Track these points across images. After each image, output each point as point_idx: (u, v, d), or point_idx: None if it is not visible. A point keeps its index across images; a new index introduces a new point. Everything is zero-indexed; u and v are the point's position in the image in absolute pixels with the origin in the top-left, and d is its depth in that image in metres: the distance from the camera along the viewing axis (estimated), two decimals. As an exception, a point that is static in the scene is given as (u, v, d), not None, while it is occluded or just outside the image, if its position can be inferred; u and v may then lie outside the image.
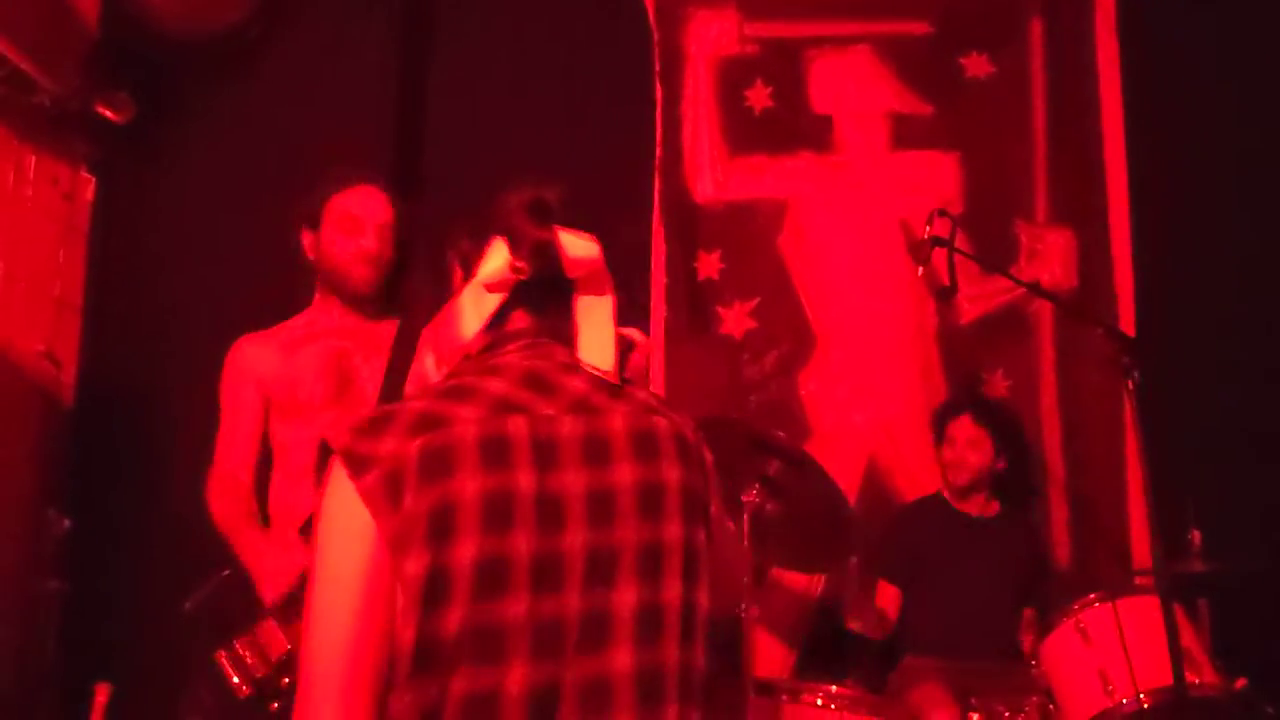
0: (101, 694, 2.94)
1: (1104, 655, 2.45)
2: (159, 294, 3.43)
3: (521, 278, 1.28)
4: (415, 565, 1.09)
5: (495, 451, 1.15)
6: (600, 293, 1.32)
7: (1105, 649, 2.45)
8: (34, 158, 3.38)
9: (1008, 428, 3.47)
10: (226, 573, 2.24)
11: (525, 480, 1.15)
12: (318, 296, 2.45)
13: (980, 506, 3.40)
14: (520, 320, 1.31)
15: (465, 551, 1.10)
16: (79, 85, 3.34)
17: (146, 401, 3.32)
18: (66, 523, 3.12)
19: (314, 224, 2.41)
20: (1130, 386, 2.29)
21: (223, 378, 2.41)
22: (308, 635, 1.12)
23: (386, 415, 1.17)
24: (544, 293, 1.30)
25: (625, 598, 1.17)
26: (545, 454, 1.18)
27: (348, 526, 1.12)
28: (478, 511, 1.12)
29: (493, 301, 1.29)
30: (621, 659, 1.16)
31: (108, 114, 3.35)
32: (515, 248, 1.28)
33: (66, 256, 3.52)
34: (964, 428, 3.36)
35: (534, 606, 1.12)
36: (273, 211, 2.51)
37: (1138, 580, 3.27)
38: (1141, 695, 2.37)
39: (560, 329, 1.31)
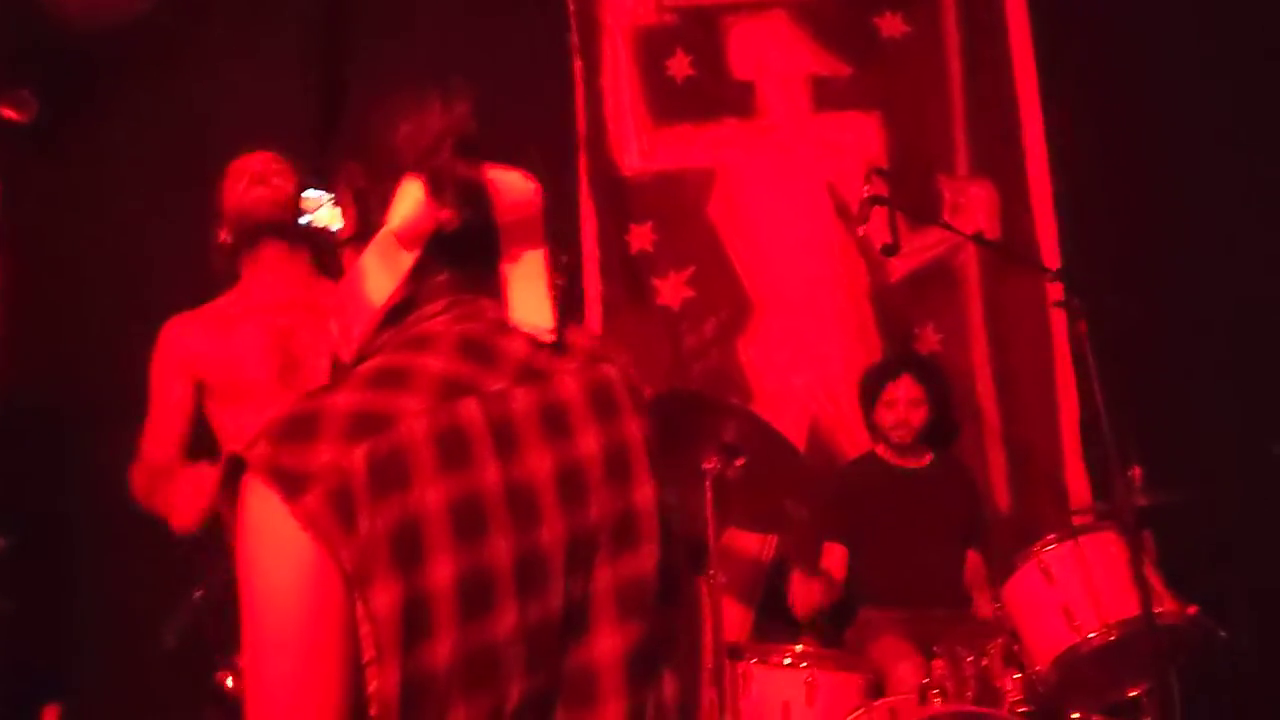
0: (50, 715, 2.84)
1: (1067, 592, 2.52)
2: (78, 294, 3.30)
3: (445, 229, 1.06)
4: (386, 597, 0.93)
5: (452, 447, 0.98)
6: (532, 244, 1.11)
7: (1068, 586, 2.52)
8: (-67, 163, 3.22)
9: (938, 381, 3.54)
10: (199, 594, 2.17)
11: (491, 475, 0.99)
12: (244, 273, 2.36)
13: (915, 458, 3.48)
14: (438, 276, 1.09)
15: (442, 571, 0.95)
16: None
17: (74, 407, 3.20)
18: (2, 541, 2.98)
19: (219, 211, 2.34)
20: (1082, 329, 2.35)
21: (151, 362, 2.32)
22: (248, 688, 0.94)
23: (310, 416, 0.97)
24: (467, 243, 1.08)
25: (604, 576, 1.05)
26: (505, 438, 1.01)
27: (286, 561, 0.93)
28: (447, 523, 0.96)
29: (407, 258, 1.07)
30: (606, 643, 1.05)
31: (10, 113, 3.20)
32: (436, 190, 1.06)
33: (-25, 264, 3.36)
34: (906, 388, 3.42)
35: (522, 615, 0.99)
36: (188, 201, 2.43)
37: (1076, 519, 3.37)
38: (1107, 627, 2.44)
39: (483, 280, 1.10)
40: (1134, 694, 2.62)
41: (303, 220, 1.20)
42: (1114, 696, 2.64)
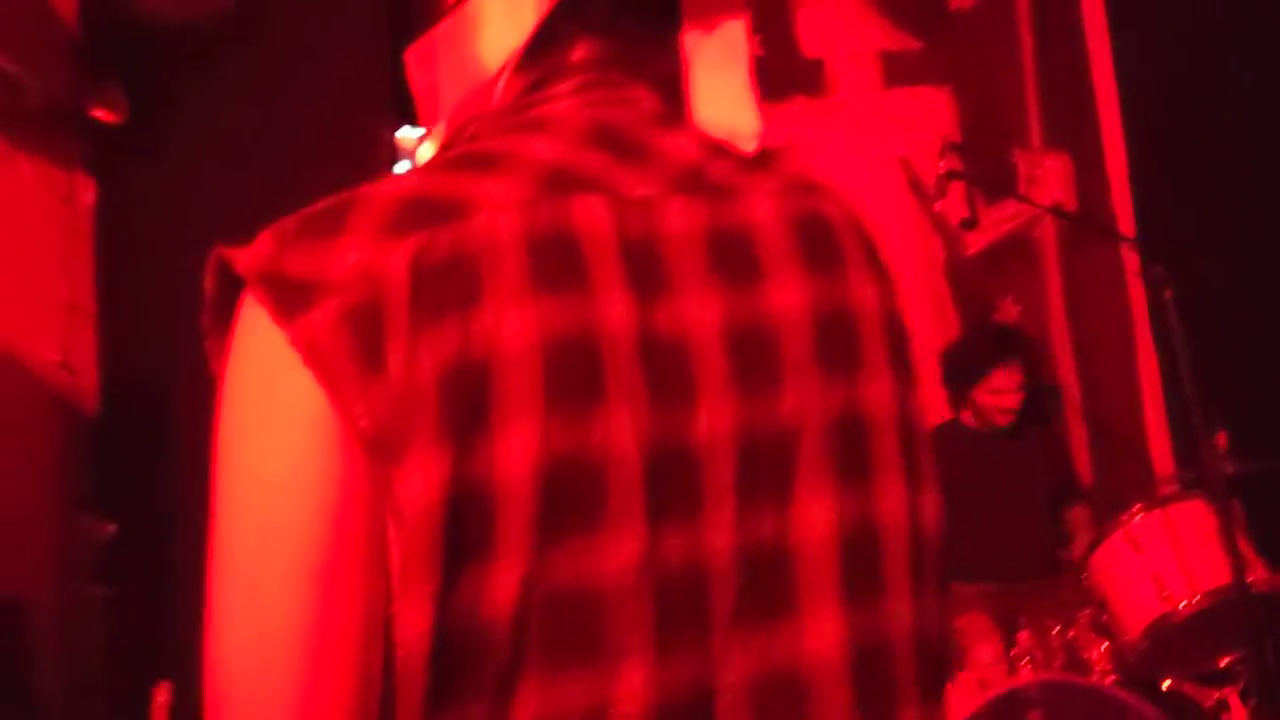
0: (162, 694, 2.95)
1: (1157, 561, 2.51)
2: (172, 289, 3.39)
3: None
4: (422, 482, 0.57)
5: (556, 259, 0.62)
6: (728, 10, 0.74)
7: (1157, 555, 2.52)
8: (30, 164, 3.34)
9: (1028, 351, 3.51)
10: None
11: (616, 311, 0.62)
12: None
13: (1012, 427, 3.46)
14: (580, 49, 0.73)
15: (517, 449, 0.58)
16: (69, 86, 3.29)
17: (175, 399, 3.31)
18: (109, 528, 3.11)
19: None
20: (1168, 297, 2.34)
21: None
22: (210, 633, 0.60)
23: (342, 205, 0.63)
24: (621, 3, 0.74)
25: (814, 517, 0.65)
26: (645, 264, 0.64)
27: (271, 420, 0.60)
28: (536, 371, 0.59)
29: (530, 11, 0.71)
30: (820, 631, 0.65)
31: (103, 114, 3.30)
32: None
33: (73, 261, 3.48)
34: (1012, 375, 3.38)
35: (652, 549, 0.60)
36: (277, 191, 2.49)
37: (1162, 489, 3.35)
38: (1199, 596, 2.44)
39: (646, 58, 0.74)
40: (1227, 662, 2.61)
41: None
42: (1206, 665, 2.63)
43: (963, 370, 3.49)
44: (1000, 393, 3.39)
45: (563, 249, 0.62)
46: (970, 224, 2.76)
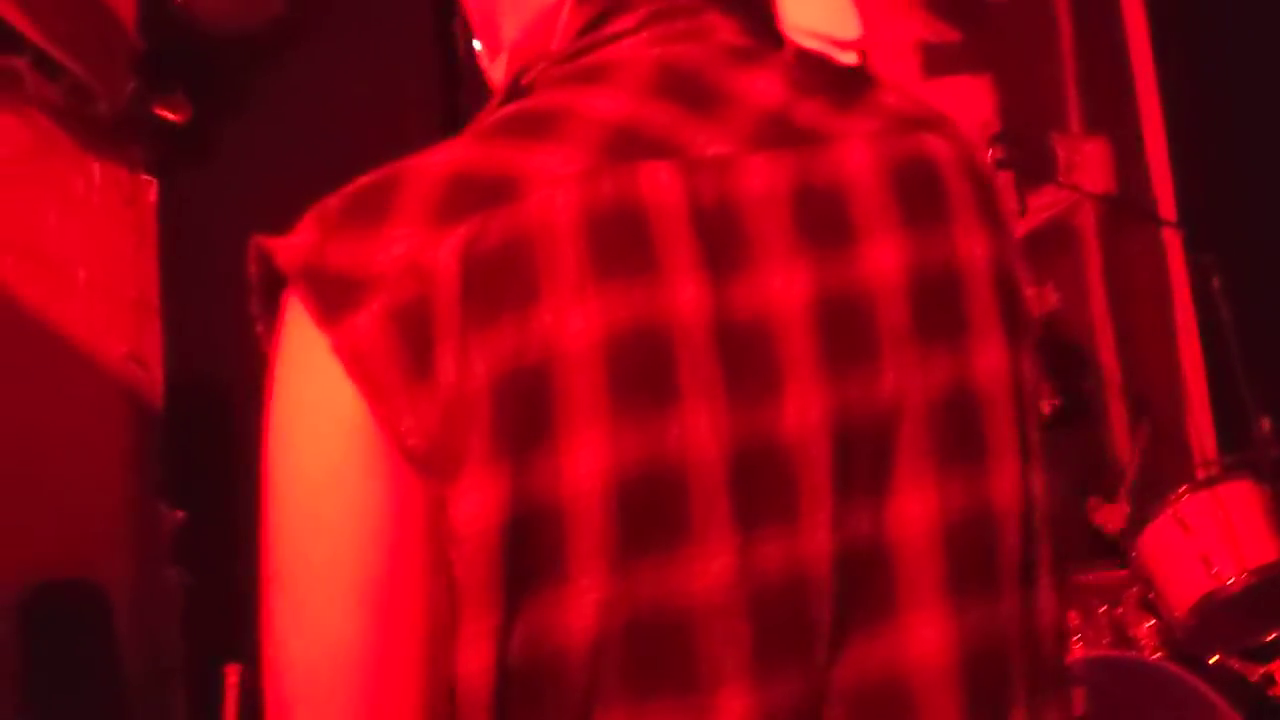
0: (233, 675, 3.06)
1: (1204, 541, 2.57)
2: (232, 284, 3.49)
3: None
4: (478, 503, 0.52)
5: (620, 239, 0.56)
6: None
7: (1205, 534, 2.58)
8: (98, 165, 3.45)
9: (1053, 351, 3.55)
10: None
11: (689, 295, 0.56)
12: None
13: (1045, 406, 3.52)
14: None
15: (584, 461, 0.53)
16: (133, 90, 3.40)
17: (241, 391, 3.42)
18: (180, 515, 3.22)
19: None
20: (1215, 286, 2.39)
21: None
22: (267, 641, 0.56)
23: (387, 183, 0.58)
24: None
25: (915, 510, 0.59)
26: (722, 236, 0.58)
27: (315, 431, 0.56)
28: (601, 372, 0.54)
29: None
30: (924, 636, 0.58)
31: (167, 115, 3.41)
32: None
33: (139, 260, 3.60)
34: None
35: (744, 561, 0.55)
36: (332, 188, 2.58)
37: (1200, 472, 3.41)
38: (1248, 572, 2.50)
39: None
40: (1273, 637, 2.67)
41: None
42: (1252, 640, 2.69)
43: None
44: None
45: (627, 227, 0.56)
46: (1019, 214, 2.82)
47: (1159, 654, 2.66)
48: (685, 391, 0.55)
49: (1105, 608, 2.81)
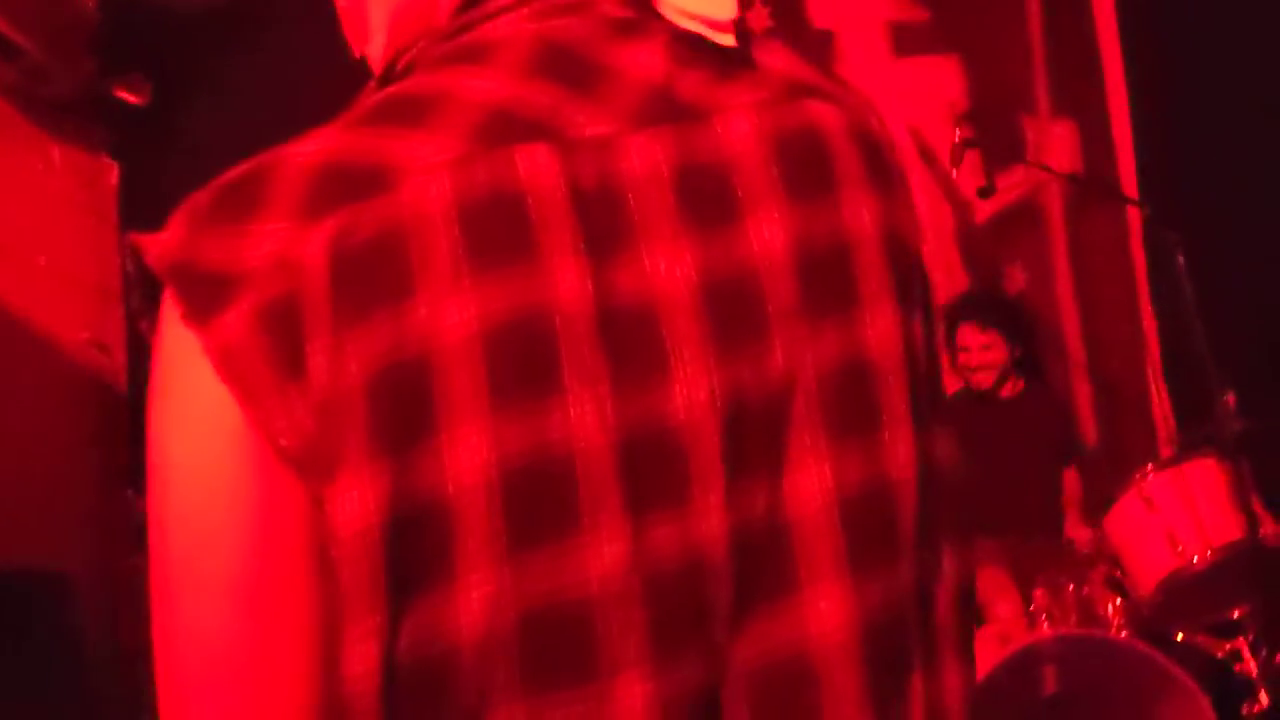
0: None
1: (1170, 519, 2.61)
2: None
3: None
4: (357, 503, 0.52)
5: (496, 227, 0.54)
6: None
7: (1171, 513, 2.61)
8: (57, 148, 3.39)
9: (1012, 317, 3.59)
10: None
11: (569, 282, 0.55)
12: None
13: (1009, 389, 3.54)
14: None
15: (466, 456, 0.52)
16: (91, 70, 3.34)
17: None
18: (141, 503, 3.19)
19: None
20: (1180, 265, 2.42)
21: None
22: (155, 657, 0.55)
23: (255, 174, 0.56)
24: None
25: (810, 484, 0.58)
26: (602, 219, 0.56)
27: (193, 435, 0.54)
28: (480, 365, 0.53)
29: None
30: (823, 610, 0.57)
31: (126, 96, 3.35)
32: None
33: (99, 244, 3.54)
34: (973, 333, 3.48)
35: (638, 547, 0.54)
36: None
37: (1168, 449, 3.46)
38: (1212, 550, 2.53)
39: None
40: (1236, 615, 2.71)
41: None
42: (1217, 617, 2.73)
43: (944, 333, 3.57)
44: (969, 350, 3.46)
45: (503, 214, 0.54)
46: (988, 192, 2.84)
47: (1126, 631, 2.70)
48: (568, 380, 0.54)
49: (1072, 586, 2.84)
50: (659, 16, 0.62)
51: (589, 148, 0.57)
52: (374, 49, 0.66)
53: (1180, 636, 2.70)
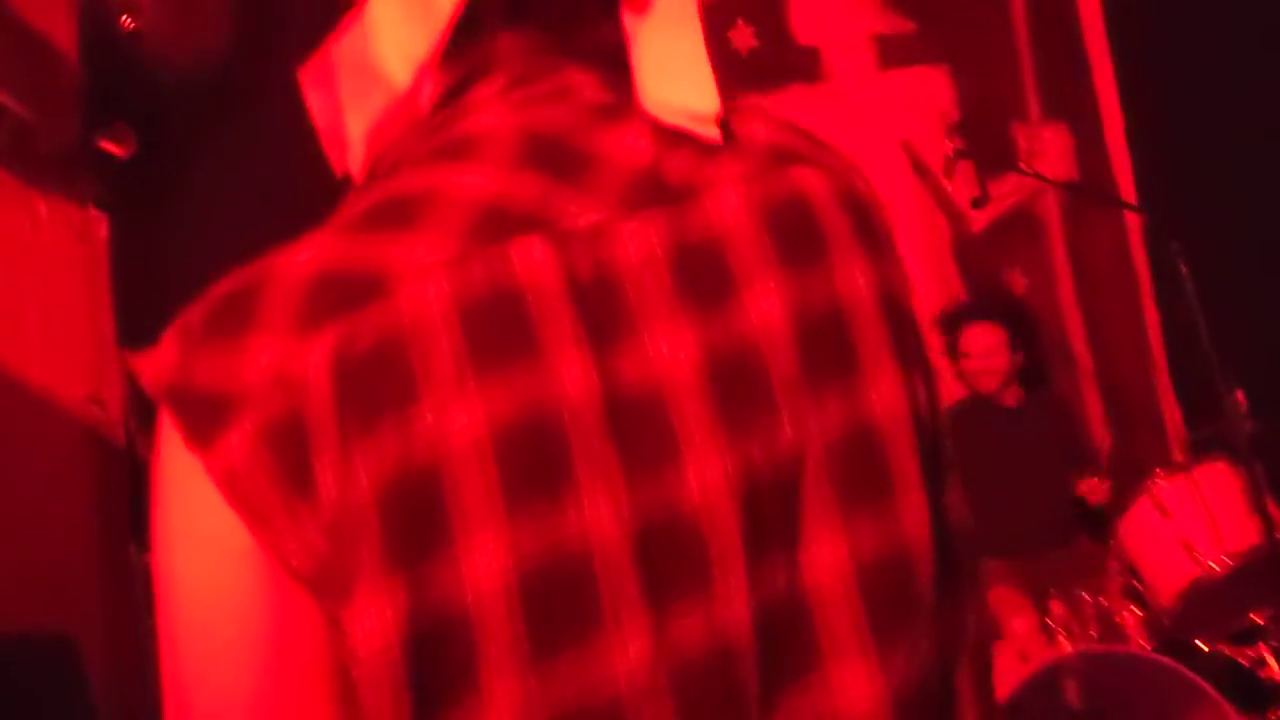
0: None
1: (1185, 526, 2.57)
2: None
3: None
4: (375, 622, 0.51)
5: (497, 326, 0.54)
6: None
7: (1186, 520, 2.57)
8: (45, 204, 3.37)
9: (1017, 322, 3.55)
10: None
11: (574, 375, 0.54)
12: None
13: (1010, 397, 3.50)
14: (506, 39, 0.63)
15: (483, 565, 0.52)
16: (76, 124, 3.32)
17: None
18: (144, 557, 3.15)
19: None
20: (1184, 271, 2.39)
21: None
22: None
23: (249, 288, 0.55)
24: None
25: (829, 556, 0.57)
26: (602, 308, 0.56)
27: (202, 561, 0.53)
28: (491, 469, 0.52)
29: (439, 8, 0.60)
30: (848, 684, 0.57)
31: (111, 148, 3.33)
32: None
33: (92, 297, 3.52)
34: (980, 337, 3.43)
35: (662, 639, 0.53)
36: (288, 215, 2.53)
37: (1179, 452, 3.41)
38: (1230, 556, 2.49)
39: (584, 38, 0.64)
40: (1257, 619, 2.67)
41: None
42: (1239, 623, 2.69)
43: (943, 339, 3.52)
44: (972, 355, 3.41)
45: (503, 311, 0.53)
46: (982, 202, 2.81)
47: (1149, 643, 2.66)
48: (580, 476, 0.53)
49: (1089, 598, 2.80)
50: (636, 101, 0.62)
51: (583, 237, 0.57)
52: (354, 159, 0.63)
53: (1203, 645, 2.65)
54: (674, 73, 0.62)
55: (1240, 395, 2.81)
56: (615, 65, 0.63)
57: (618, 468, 0.53)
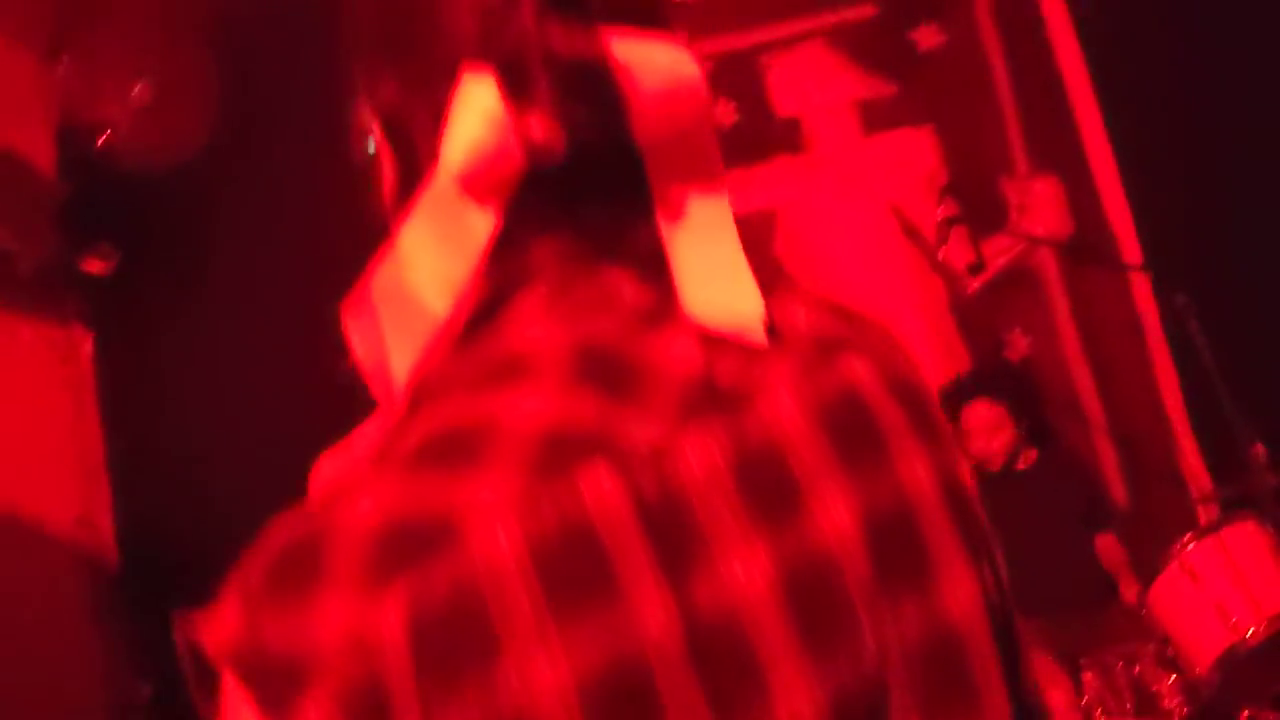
0: None
1: (1217, 590, 2.47)
2: (184, 434, 3.37)
3: (546, 161, 0.59)
4: None
5: (573, 567, 0.52)
6: (705, 173, 0.62)
7: (1217, 584, 2.47)
8: (27, 327, 3.32)
9: (1015, 390, 3.47)
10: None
11: (654, 611, 0.52)
12: None
13: (1021, 460, 3.41)
14: (541, 248, 0.61)
15: None
16: (57, 244, 3.28)
17: (195, 548, 3.26)
18: (148, 690, 3.05)
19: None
20: (1193, 328, 2.32)
21: (310, 501, 2.37)
22: None
23: (310, 541, 0.54)
24: (587, 183, 0.61)
25: None
26: (672, 532, 0.54)
27: None
28: None
29: (483, 222, 0.59)
30: None
31: (94, 267, 3.30)
32: (519, 88, 0.58)
33: (79, 417, 3.46)
34: (980, 415, 3.36)
35: None
36: (272, 327, 2.48)
37: (1205, 508, 3.32)
38: (1267, 620, 2.39)
39: (622, 240, 0.62)
40: (1301, 683, 2.57)
41: None
42: (1278, 687, 2.58)
43: (944, 409, 3.44)
44: (974, 434, 3.34)
45: (577, 550, 0.52)
46: (978, 268, 2.75)
47: (1186, 711, 2.55)
48: (670, 717, 0.51)
49: (1122, 666, 2.69)
50: (679, 305, 0.61)
51: (645, 456, 0.55)
52: (398, 390, 0.61)
53: (1246, 715, 2.54)
54: (716, 278, 0.61)
55: (1261, 448, 2.74)
56: (651, 263, 0.61)
57: (704, 705, 0.52)
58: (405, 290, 0.61)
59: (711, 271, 0.61)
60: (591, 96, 0.59)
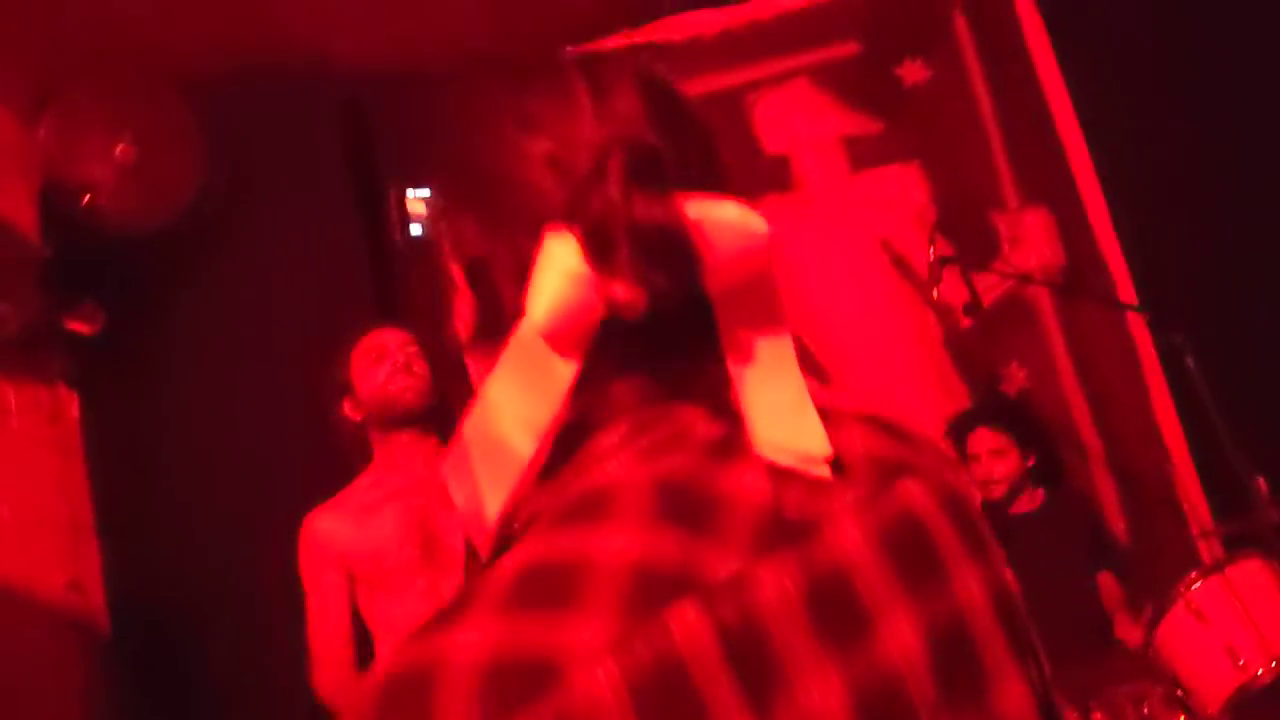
0: None
1: (1225, 630, 2.44)
2: (173, 494, 3.33)
3: (624, 314, 0.63)
4: None
5: (666, 702, 0.56)
6: (768, 321, 0.68)
7: (1225, 624, 2.44)
8: (13, 390, 3.28)
9: (1024, 421, 3.45)
10: None
11: None
12: (377, 453, 2.39)
13: (1028, 501, 3.39)
14: (620, 388, 0.67)
15: None
16: (41, 305, 3.25)
17: (188, 608, 3.22)
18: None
19: (347, 386, 2.37)
20: (1190, 366, 2.29)
21: (300, 560, 2.34)
22: None
23: (418, 678, 0.57)
24: (662, 333, 0.66)
25: None
26: (753, 660, 0.58)
27: None
28: None
29: (565, 370, 0.64)
30: None
31: (79, 327, 3.26)
32: (602, 250, 0.62)
33: (67, 479, 3.41)
34: (986, 439, 3.34)
35: None
36: (260, 386, 2.45)
37: (1201, 542, 3.28)
38: (1277, 661, 2.35)
39: (693, 380, 0.67)
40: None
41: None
42: (1292, 727, 2.54)
43: (953, 444, 3.45)
44: (979, 459, 3.32)
45: (670, 686, 0.56)
46: (974, 308, 2.72)
47: (1199, 754, 2.51)
48: None
49: (1131, 706, 2.65)
50: (747, 439, 0.66)
51: (726, 589, 0.59)
52: (483, 534, 0.67)
53: (1258, 756, 2.50)
54: (783, 417, 0.66)
55: (1263, 482, 2.71)
56: (720, 400, 0.67)
57: None
58: (494, 436, 0.66)
59: (778, 410, 0.66)
60: (670, 259, 0.63)
